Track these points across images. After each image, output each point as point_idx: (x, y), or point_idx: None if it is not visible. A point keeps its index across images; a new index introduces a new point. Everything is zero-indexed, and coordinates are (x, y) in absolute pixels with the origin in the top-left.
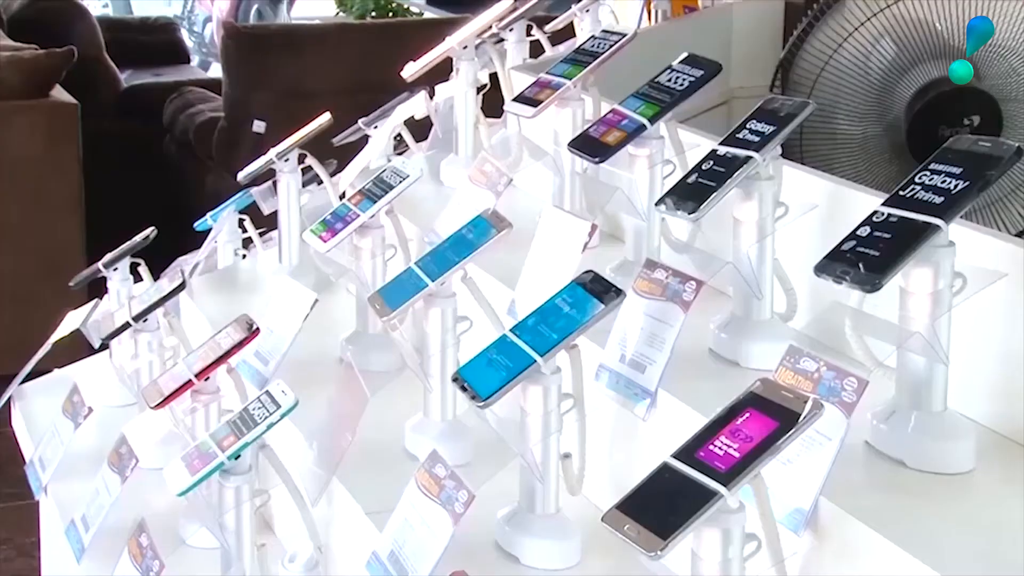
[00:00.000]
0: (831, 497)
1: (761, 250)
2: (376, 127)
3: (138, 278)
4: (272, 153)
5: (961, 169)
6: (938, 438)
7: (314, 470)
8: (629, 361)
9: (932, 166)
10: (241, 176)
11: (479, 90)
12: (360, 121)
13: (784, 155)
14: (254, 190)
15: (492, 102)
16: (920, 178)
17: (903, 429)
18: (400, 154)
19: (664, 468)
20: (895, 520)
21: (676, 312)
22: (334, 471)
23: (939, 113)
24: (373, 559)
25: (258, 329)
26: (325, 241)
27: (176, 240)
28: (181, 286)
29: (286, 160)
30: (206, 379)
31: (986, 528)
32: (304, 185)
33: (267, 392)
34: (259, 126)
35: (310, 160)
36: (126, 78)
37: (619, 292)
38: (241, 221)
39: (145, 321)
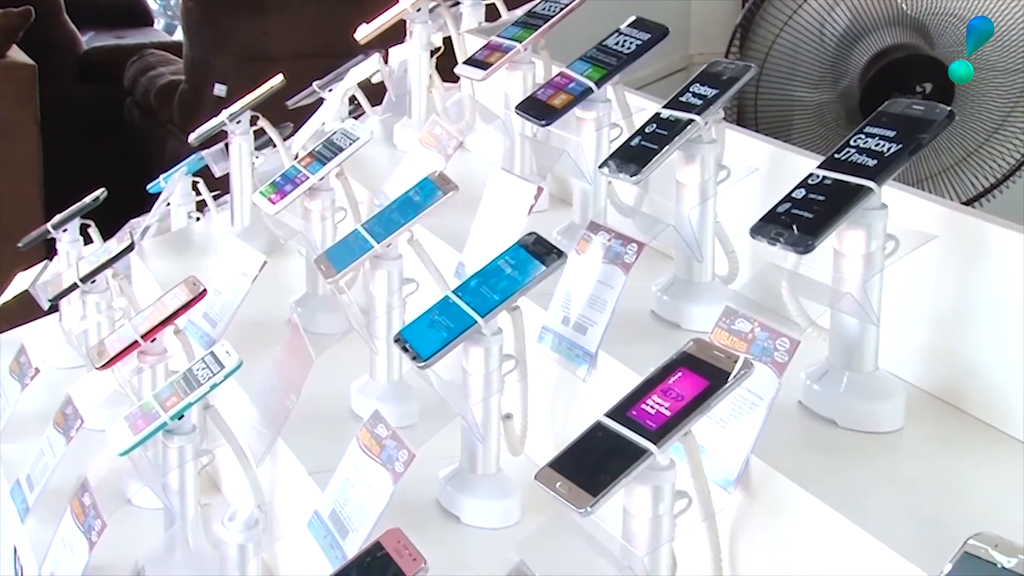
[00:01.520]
0: (763, 456)
1: (703, 213)
2: (331, 90)
3: (89, 240)
4: (224, 115)
5: (894, 132)
6: (868, 398)
7: (259, 430)
8: (570, 323)
9: (867, 129)
10: (192, 138)
11: (433, 53)
12: (315, 84)
13: (740, 121)
14: (205, 152)
15: (450, 66)
16: (855, 141)
17: (835, 389)
18: (356, 117)
19: (597, 427)
20: (824, 478)
21: (617, 274)
22: (279, 431)
23: (892, 80)
24: (315, 518)
25: (205, 291)
26: (274, 203)
27: (137, 204)
28: (129, 248)
29: (238, 122)
30: (152, 340)
31: (913, 486)
32: (259, 148)
33: (211, 353)
34: (220, 89)
35: (262, 122)
36: (87, 40)
37: (560, 254)
38: (195, 184)
39: (93, 282)
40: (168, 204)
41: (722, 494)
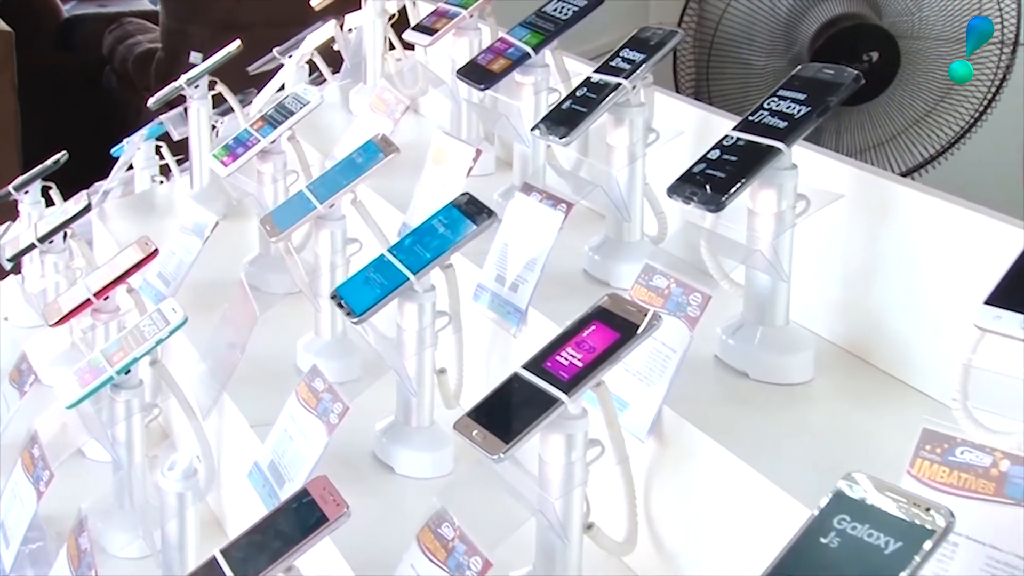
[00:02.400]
0: (677, 407)
1: (631, 174)
2: (290, 56)
3: (51, 202)
4: (183, 80)
5: (805, 95)
6: (779, 351)
7: (206, 384)
8: (504, 281)
9: (780, 92)
10: (151, 102)
11: (389, 20)
12: (275, 50)
13: (696, 89)
14: (164, 117)
15: None
16: (768, 104)
17: (748, 343)
18: (318, 83)
19: (513, 378)
20: (733, 428)
21: (548, 233)
22: (225, 386)
23: (840, 49)
24: (255, 469)
25: (156, 250)
26: (226, 165)
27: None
28: (85, 209)
29: (196, 87)
30: (105, 298)
31: (820, 435)
32: (223, 115)
33: (158, 310)
34: (195, 57)
35: (220, 87)
36: (70, 8)
37: (491, 214)
38: (158, 148)
39: (51, 243)
40: (131, 168)
41: (636, 442)
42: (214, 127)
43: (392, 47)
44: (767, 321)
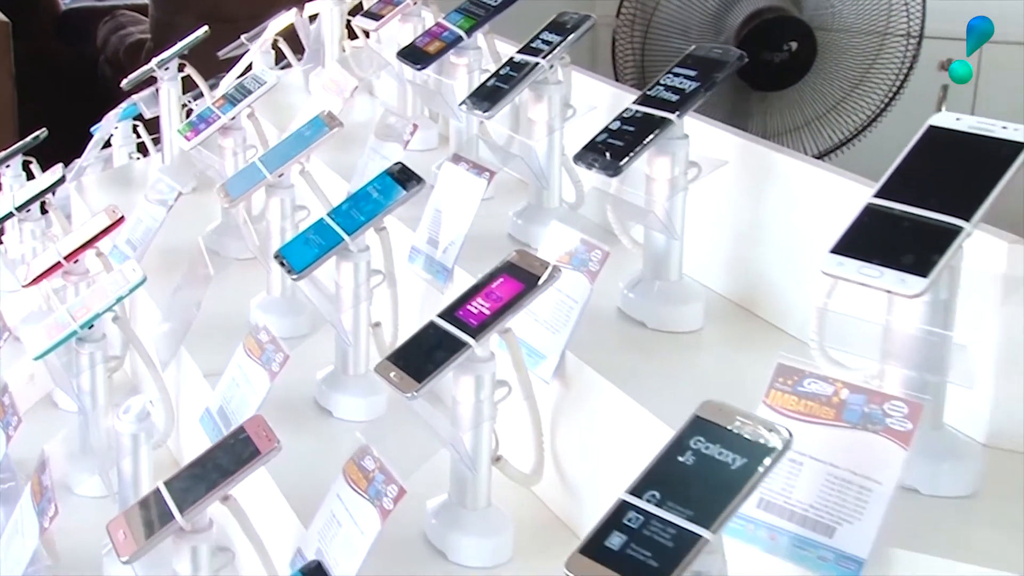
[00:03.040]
0: (580, 353)
1: (550, 145)
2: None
3: (32, 176)
4: (154, 62)
5: (696, 72)
6: (673, 302)
7: (166, 339)
8: (434, 243)
9: (675, 69)
10: (124, 83)
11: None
12: (243, 37)
13: (634, 77)
14: (136, 96)
15: None
16: (664, 80)
17: (645, 295)
18: (285, 68)
19: (429, 326)
20: (629, 372)
21: (472, 198)
22: (182, 340)
23: (763, 38)
24: (206, 414)
25: (123, 217)
26: (189, 140)
27: None
28: (60, 180)
29: (166, 69)
30: (75, 261)
31: (705, 377)
32: (196, 99)
33: (119, 270)
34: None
35: (189, 69)
36: (69, 1)
37: (420, 181)
38: (135, 127)
39: (28, 211)
40: (110, 146)
41: (541, 384)
42: (187, 107)
43: (354, 36)
44: (662, 276)
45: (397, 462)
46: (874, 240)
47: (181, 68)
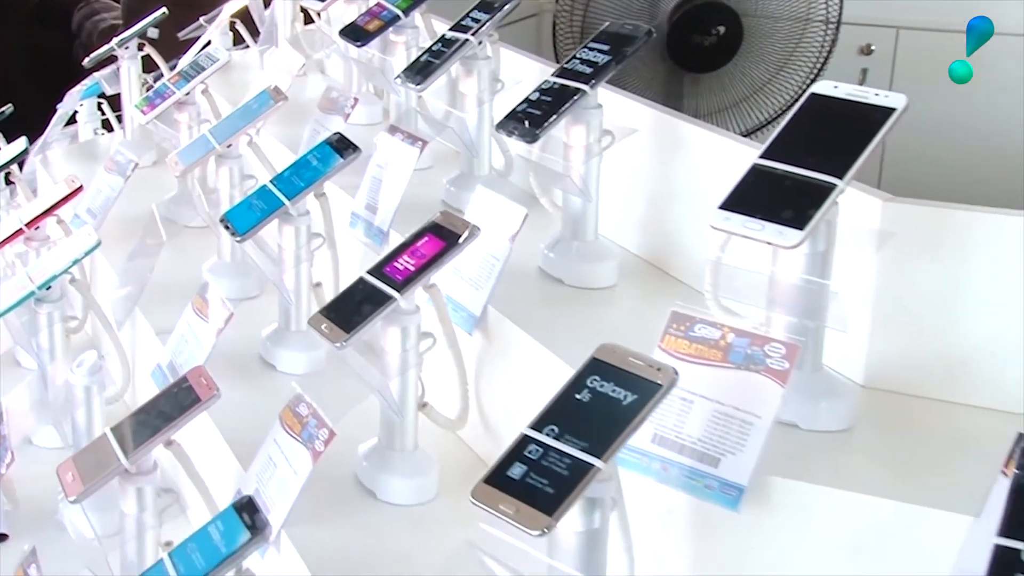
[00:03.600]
0: (502, 308)
1: (479, 117)
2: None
3: None
4: (114, 41)
5: (608, 47)
6: (589, 261)
7: (122, 300)
8: (372, 209)
9: (590, 44)
10: (86, 61)
11: None
12: (201, 18)
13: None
14: (98, 75)
15: None
16: (580, 54)
17: (564, 255)
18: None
19: (359, 281)
20: (547, 325)
21: (406, 166)
22: (137, 301)
23: (693, 23)
24: (157, 368)
25: (81, 187)
26: (145, 114)
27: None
28: (23, 152)
29: (126, 48)
30: (36, 228)
31: (617, 329)
32: (157, 79)
33: (75, 234)
34: (153, 32)
35: (148, 49)
36: None
37: (356, 149)
38: (100, 104)
39: None
40: (75, 122)
41: (465, 336)
42: (147, 84)
43: (311, 20)
44: (579, 236)
45: (329, 408)
46: (758, 197)
47: (141, 48)
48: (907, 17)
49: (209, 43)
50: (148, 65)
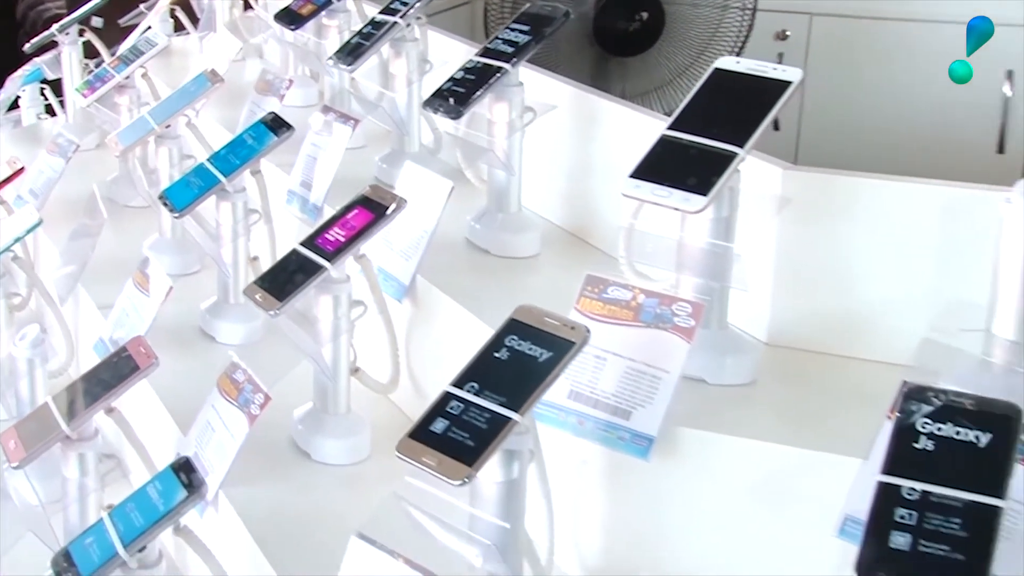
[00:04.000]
0: (430, 277)
1: (409, 96)
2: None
3: None
4: (55, 27)
5: (529, 27)
6: (512, 231)
7: (65, 277)
8: (307, 186)
9: (512, 25)
10: (27, 47)
11: None
12: (142, 6)
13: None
14: (39, 59)
15: None
16: (502, 34)
17: (489, 226)
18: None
19: (292, 252)
20: (473, 293)
21: (338, 143)
22: (79, 277)
23: (618, 9)
24: (99, 342)
25: (23, 168)
26: (86, 97)
27: None
28: None
29: (67, 34)
30: None
31: (540, 295)
32: (99, 65)
33: (16, 213)
34: (97, 21)
35: (88, 34)
36: None
37: (290, 127)
38: (42, 90)
39: None
40: (17, 108)
41: (395, 303)
42: (89, 69)
43: (250, 7)
44: (504, 208)
45: (265, 375)
46: (665, 165)
47: (82, 33)
48: (820, 5)
49: (149, 28)
50: (90, 51)
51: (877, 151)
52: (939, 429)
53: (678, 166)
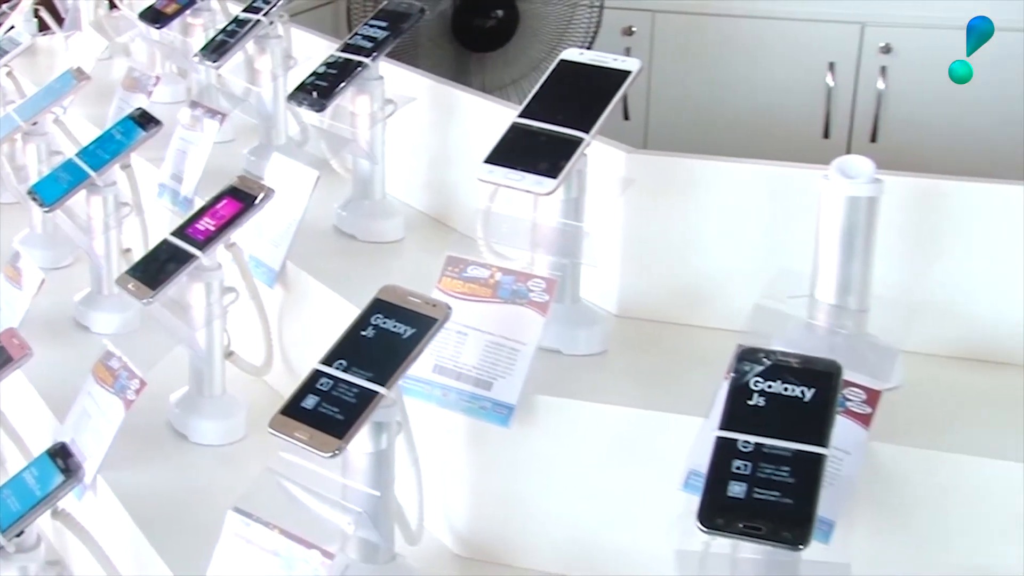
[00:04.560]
0: (300, 262)
1: (275, 91)
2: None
3: None
4: None
5: (386, 23)
6: (377, 217)
7: None
8: (177, 179)
9: (371, 22)
10: None
11: None
12: (4, 6)
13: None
14: None
15: None
16: (362, 30)
17: (355, 212)
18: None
19: (163, 242)
20: (340, 276)
21: (207, 137)
22: None
23: (475, 7)
24: None
25: None
26: None
27: None
28: None
29: None
30: None
31: (405, 277)
32: None
33: None
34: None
35: None
36: None
37: (158, 123)
38: None
39: None
40: None
41: (266, 288)
42: None
43: (115, 7)
44: (369, 196)
45: (140, 362)
46: (517, 151)
47: None
48: (662, 3)
49: (12, 28)
50: None
51: (718, 136)
52: (769, 387)
53: (529, 151)
